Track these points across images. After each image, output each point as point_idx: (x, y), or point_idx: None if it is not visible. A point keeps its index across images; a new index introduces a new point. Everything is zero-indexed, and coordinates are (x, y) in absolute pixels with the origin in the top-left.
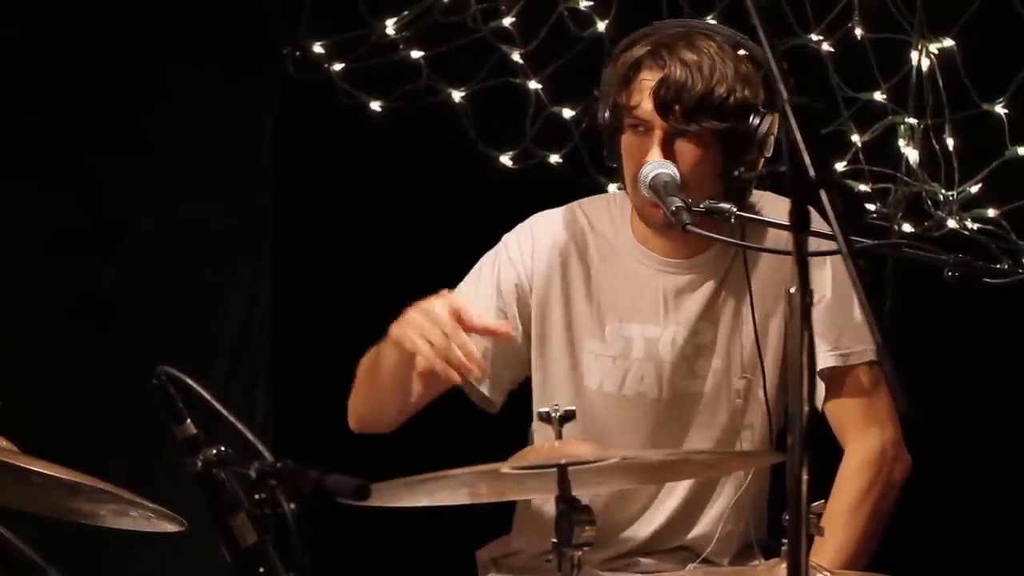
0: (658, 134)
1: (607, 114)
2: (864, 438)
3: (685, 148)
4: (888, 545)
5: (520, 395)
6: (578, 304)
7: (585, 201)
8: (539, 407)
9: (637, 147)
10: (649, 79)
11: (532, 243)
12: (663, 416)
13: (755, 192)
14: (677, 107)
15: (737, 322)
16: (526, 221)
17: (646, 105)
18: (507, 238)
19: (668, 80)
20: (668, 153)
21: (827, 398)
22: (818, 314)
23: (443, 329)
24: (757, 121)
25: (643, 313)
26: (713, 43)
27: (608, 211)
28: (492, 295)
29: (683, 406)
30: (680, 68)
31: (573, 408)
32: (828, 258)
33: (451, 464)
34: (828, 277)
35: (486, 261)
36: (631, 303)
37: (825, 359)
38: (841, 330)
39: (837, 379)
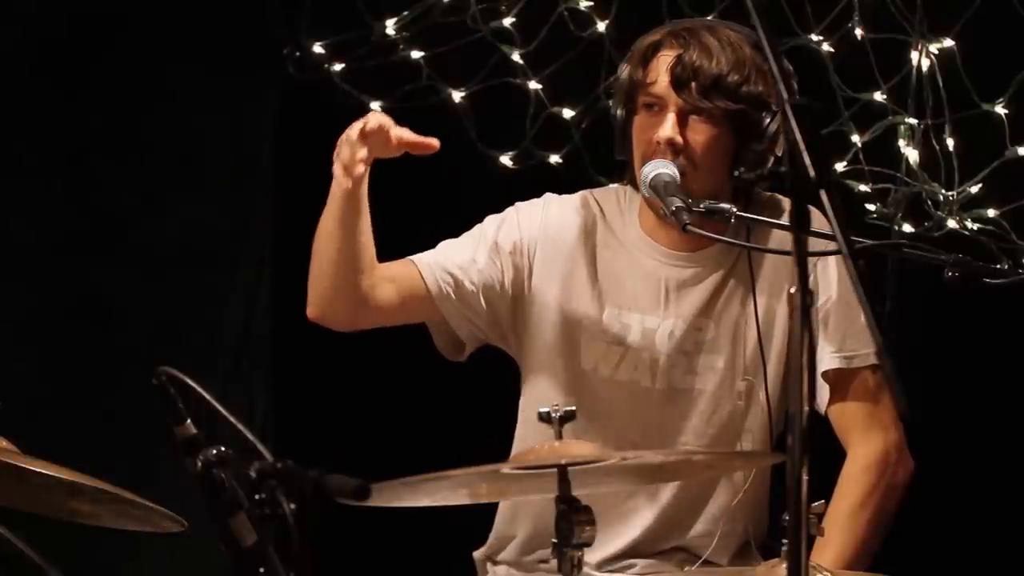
0: (672, 110)
1: (621, 101)
2: (867, 441)
3: (699, 127)
4: (888, 546)
5: (519, 395)
6: (579, 285)
7: (597, 191)
8: (531, 383)
9: (651, 125)
10: (668, 56)
11: (543, 215)
12: (658, 407)
13: (765, 194)
14: (693, 84)
15: (741, 321)
16: (539, 197)
17: (662, 80)
18: (519, 204)
19: (685, 58)
20: (682, 130)
21: (831, 400)
22: (824, 316)
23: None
24: (768, 118)
25: (643, 303)
26: (733, 33)
27: (617, 202)
28: (488, 245)
29: (680, 401)
30: (698, 49)
31: (573, 408)
32: (834, 260)
33: (451, 464)
34: (834, 279)
35: (490, 218)
36: (632, 292)
37: (829, 361)
38: (846, 332)
39: (841, 381)
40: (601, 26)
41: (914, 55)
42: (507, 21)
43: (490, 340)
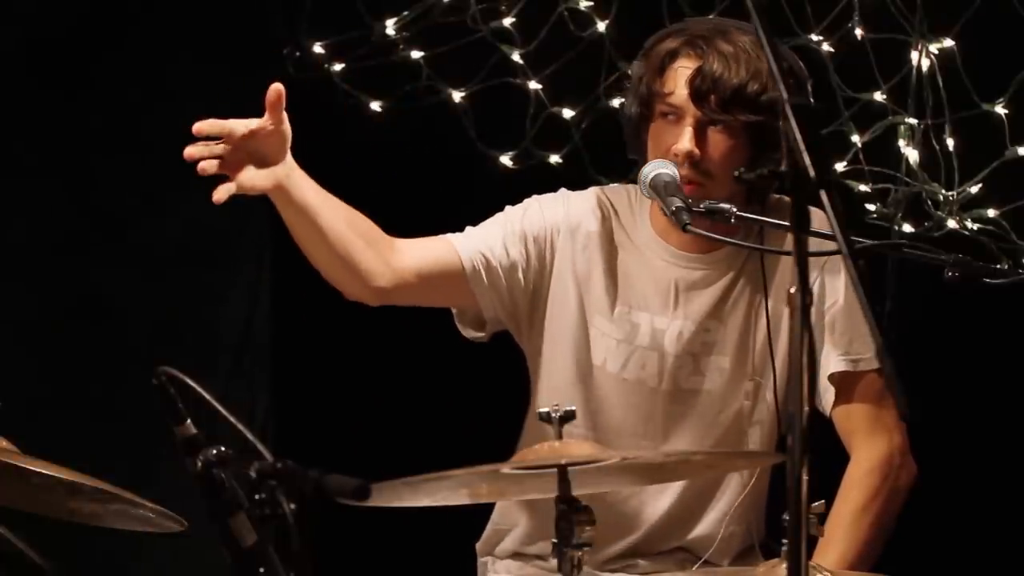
0: (691, 122)
1: (636, 104)
2: (871, 444)
3: (717, 138)
4: (889, 547)
5: (519, 395)
6: (594, 280)
7: (607, 188)
8: (543, 374)
9: (668, 134)
10: (686, 67)
11: (566, 208)
12: (663, 407)
13: (773, 196)
14: (712, 97)
15: (749, 321)
16: (556, 192)
17: (681, 92)
18: (538, 197)
19: (705, 70)
20: (700, 142)
21: (836, 403)
22: (831, 320)
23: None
24: None
25: (653, 304)
26: (747, 38)
27: (629, 202)
28: (514, 232)
29: (686, 401)
30: (717, 59)
31: (573, 408)
32: (842, 264)
33: (451, 464)
34: (842, 283)
35: (512, 208)
36: (642, 292)
37: (836, 364)
38: (852, 336)
39: (846, 384)
40: (601, 26)
41: (914, 55)
42: (507, 21)
43: (507, 326)
